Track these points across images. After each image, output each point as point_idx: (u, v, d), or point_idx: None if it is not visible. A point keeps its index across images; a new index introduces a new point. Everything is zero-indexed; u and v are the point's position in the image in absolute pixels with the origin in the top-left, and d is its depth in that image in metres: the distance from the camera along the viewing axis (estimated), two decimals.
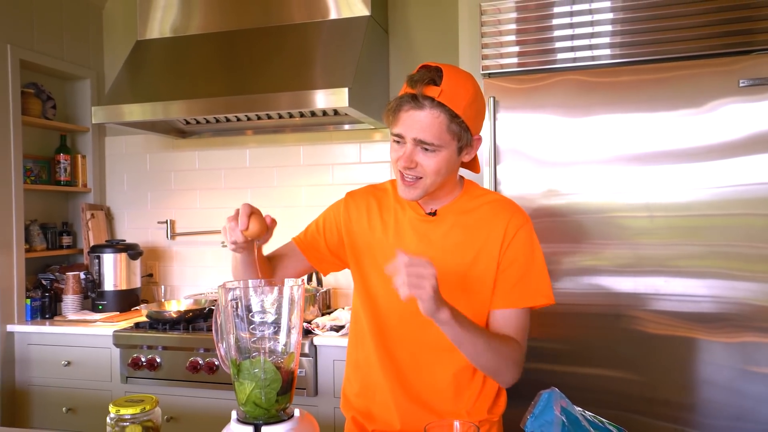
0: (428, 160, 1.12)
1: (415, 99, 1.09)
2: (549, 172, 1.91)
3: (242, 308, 0.84)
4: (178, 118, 2.55)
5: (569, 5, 1.91)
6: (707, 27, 1.79)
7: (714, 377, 1.77)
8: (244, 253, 1.14)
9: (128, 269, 2.76)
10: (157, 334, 2.35)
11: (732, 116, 1.75)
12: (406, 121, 1.11)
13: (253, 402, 0.81)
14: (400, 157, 1.14)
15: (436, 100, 1.09)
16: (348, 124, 2.76)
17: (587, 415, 0.84)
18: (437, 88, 1.09)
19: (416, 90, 1.09)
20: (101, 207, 3.11)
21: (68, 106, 3.10)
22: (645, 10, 1.84)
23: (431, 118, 1.09)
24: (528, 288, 1.21)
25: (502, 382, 1.19)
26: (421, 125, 1.10)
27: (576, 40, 1.90)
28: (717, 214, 1.77)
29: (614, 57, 1.88)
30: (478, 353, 1.10)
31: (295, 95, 2.29)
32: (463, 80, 1.13)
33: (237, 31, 2.65)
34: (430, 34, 2.66)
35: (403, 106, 1.11)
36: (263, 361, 0.81)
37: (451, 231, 1.20)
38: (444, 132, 1.11)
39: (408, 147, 1.12)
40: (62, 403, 2.51)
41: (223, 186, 2.98)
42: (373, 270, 1.25)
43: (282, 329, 0.83)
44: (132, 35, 3.00)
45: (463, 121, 1.11)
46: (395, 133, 1.14)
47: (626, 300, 1.84)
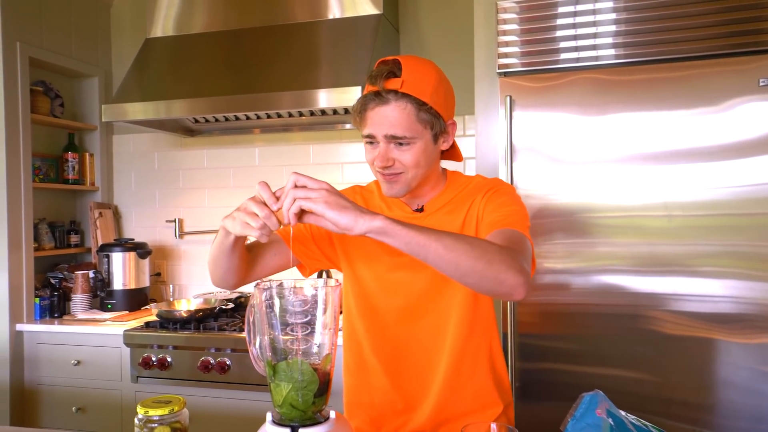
0: (404, 154, 1.10)
1: (378, 95, 1.07)
2: (565, 170, 1.90)
3: (277, 308, 0.83)
4: (189, 116, 2.53)
5: (588, 4, 1.89)
6: (727, 26, 1.78)
7: (732, 378, 1.76)
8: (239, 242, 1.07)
9: (137, 268, 2.75)
10: (167, 334, 2.33)
11: (751, 115, 1.74)
12: (373, 119, 1.09)
13: (290, 404, 0.80)
14: (375, 157, 1.11)
15: (400, 92, 1.06)
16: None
17: (631, 418, 0.83)
18: (398, 80, 1.06)
19: (377, 86, 1.07)
20: (109, 206, 3.10)
21: (76, 104, 3.08)
22: (664, 8, 1.83)
23: (398, 110, 1.07)
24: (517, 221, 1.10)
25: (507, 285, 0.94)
26: (389, 120, 1.07)
27: (593, 39, 1.89)
28: (736, 213, 1.76)
29: (631, 56, 1.87)
30: (453, 249, 0.90)
31: (307, 93, 2.27)
32: (423, 67, 1.11)
33: (247, 29, 2.64)
34: (442, 33, 2.65)
35: (368, 105, 1.09)
36: (300, 362, 0.80)
37: (439, 224, 1.17)
38: (414, 122, 1.08)
39: (381, 146, 1.09)
40: (72, 403, 2.49)
41: (232, 185, 2.97)
42: (366, 270, 1.22)
43: (318, 330, 0.81)
44: (139, 33, 2.99)
45: (431, 108, 1.09)
46: (366, 135, 1.11)
47: (644, 300, 1.83)
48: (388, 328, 1.20)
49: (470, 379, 1.20)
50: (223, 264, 1.13)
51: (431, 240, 0.91)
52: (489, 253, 0.93)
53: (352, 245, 1.23)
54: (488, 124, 2.01)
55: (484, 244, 0.95)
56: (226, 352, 2.27)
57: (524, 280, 0.95)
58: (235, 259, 1.12)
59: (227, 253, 1.10)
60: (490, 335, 1.23)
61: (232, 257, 1.11)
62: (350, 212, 0.88)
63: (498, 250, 0.95)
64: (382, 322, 1.20)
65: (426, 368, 1.19)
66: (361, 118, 1.11)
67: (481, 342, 1.21)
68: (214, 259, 1.14)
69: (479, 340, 1.20)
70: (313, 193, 0.89)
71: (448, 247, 0.91)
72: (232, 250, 1.09)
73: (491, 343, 1.23)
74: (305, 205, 0.88)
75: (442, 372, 1.17)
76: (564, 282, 1.90)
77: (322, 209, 0.87)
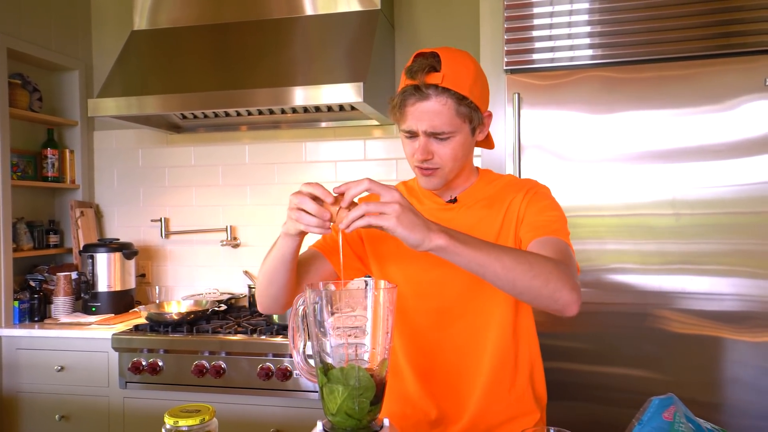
0: (444, 148, 1.09)
1: (419, 90, 1.05)
2: (573, 168, 1.89)
3: (328, 311, 0.78)
4: (179, 112, 2.45)
5: (596, 2, 1.88)
6: (734, 25, 1.79)
7: (740, 376, 1.77)
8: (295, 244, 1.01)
9: (123, 269, 2.65)
10: (159, 337, 2.25)
11: (757, 114, 1.75)
12: (413, 114, 1.07)
13: (345, 412, 0.75)
14: (416, 150, 1.09)
15: (440, 87, 1.04)
16: (350, 120, 2.69)
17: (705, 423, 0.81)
18: (439, 74, 1.04)
19: (417, 80, 1.05)
20: (90, 204, 2.98)
21: (55, 98, 2.95)
22: (672, 7, 1.83)
23: (439, 105, 1.05)
24: (559, 228, 1.10)
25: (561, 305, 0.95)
26: (429, 115, 1.06)
27: (600, 38, 1.88)
28: (743, 212, 1.77)
29: (639, 54, 1.86)
30: (512, 270, 0.90)
31: (306, 90, 2.21)
32: (462, 59, 1.09)
33: (238, 23, 2.56)
34: (438, 29, 2.62)
35: (408, 100, 1.07)
36: (357, 368, 0.76)
37: (474, 214, 1.16)
38: (454, 117, 1.06)
39: (421, 140, 1.08)
40: (55, 411, 2.38)
41: (221, 183, 2.88)
42: (398, 271, 1.18)
43: (373, 333, 0.77)
44: (122, 25, 2.88)
45: (471, 102, 1.07)
46: (405, 129, 1.10)
47: (652, 298, 1.83)
48: (420, 332, 1.15)
49: (511, 388, 1.15)
50: (280, 279, 1.06)
51: (491, 259, 0.90)
52: (546, 271, 0.93)
53: (382, 244, 1.19)
54: (495, 121, 1.98)
55: (541, 262, 0.94)
56: (221, 355, 2.19)
57: (577, 297, 0.95)
58: (291, 273, 1.06)
59: (287, 264, 1.04)
60: (531, 338, 1.20)
61: (290, 270, 1.05)
62: (419, 230, 0.86)
63: (554, 267, 0.94)
64: (414, 326, 1.16)
65: (463, 376, 1.14)
66: (401, 113, 1.09)
67: (524, 346, 1.17)
68: (271, 273, 1.07)
69: (523, 343, 1.17)
70: (387, 208, 0.85)
71: (507, 267, 0.90)
72: (291, 260, 1.03)
73: (532, 346, 1.19)
74: (375, 222, 0.84)
75: (483, 380, 1.13)
76: None
77: (394, 226, 0.84)
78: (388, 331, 0.78)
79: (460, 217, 1.16)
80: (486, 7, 2.00)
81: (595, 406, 1.88)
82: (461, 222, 1.15)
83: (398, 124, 1.12)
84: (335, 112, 2.60)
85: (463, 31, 2.55)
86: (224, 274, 2.87)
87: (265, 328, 2.26)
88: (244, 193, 2.85)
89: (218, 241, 2.84)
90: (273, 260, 1.05)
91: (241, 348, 2.17)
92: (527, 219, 1.11)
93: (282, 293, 1.09)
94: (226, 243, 2.81)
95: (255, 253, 2.84)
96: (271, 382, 2.13)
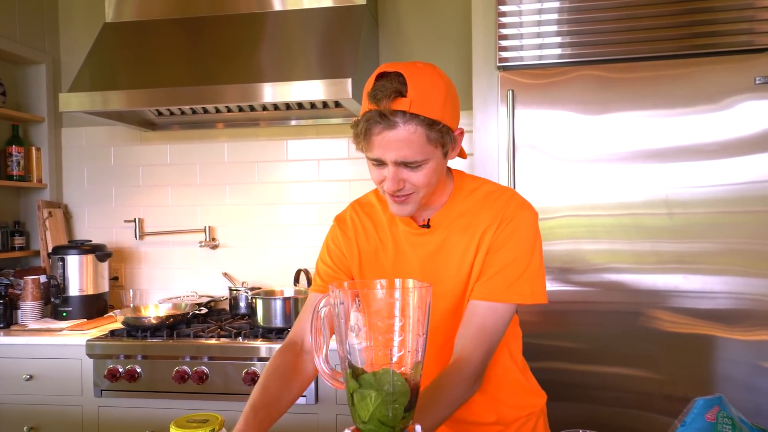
0: (416, 175, 1.01)
1: (384, 117, 0.95)
2: (566, 168, 1.88)
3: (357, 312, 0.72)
4: (161, 107, 2.35)
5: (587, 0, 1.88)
6: (725, 24, 1.80)
7: (732, 374, 1.79)
8: None
9: (96, 272, 2.53)
10: (137, 343, 2.14)
11: (748, 113, 1.77)
12: (380, 144, 0.97)
13: (378, 419, 0.70)
14: (384, 179, 1.02)
15: (408, 113, 0.95)
16: (332, 118, 2.64)
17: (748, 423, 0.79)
18: (405, 100, 0.94)
19: (382, 107, 0.95)
20: (58, 204, 2.84)
21: (20, 93, 2.80)
22: (664, 5, 1.84)
23: (407, 134, 0.96)
24: (511, 280, 1.05)
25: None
26: (398, 145, 0.97)
27: (592, 35, 1.88)
28: (735, 211, 1.78)
29: (631, 52, 1.86)
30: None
31: (286, 85, 2.15)
32: (430, 77, 0.98)
33: (219, 17, 2.48)
34: (423, 25, 2.59)
35: (374, 128, 0.96)
36: (392, 372, 0.71)
37: (448, 239, 1.10)
38: (425, 145, 0.98)
39: (390, 170, 1.00)
40: (23, 422, 2.25)
41: (199, 182, 2.79)
42: None
43: (406, 336, 0.72)
44: (92, 18, 2.77)
45: (443, 125, 0.98)
46: (372, 158, 1.01)
47: (645, 297, 1.83)
48: None
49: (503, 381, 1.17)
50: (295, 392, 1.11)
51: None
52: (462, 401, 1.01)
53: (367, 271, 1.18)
54: (487, 119, 1.96)
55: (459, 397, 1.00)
56: (204, 360, 2.11)
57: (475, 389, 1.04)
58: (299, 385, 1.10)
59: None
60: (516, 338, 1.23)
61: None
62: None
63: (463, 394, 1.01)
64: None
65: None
66: (366, 142, 0.99)
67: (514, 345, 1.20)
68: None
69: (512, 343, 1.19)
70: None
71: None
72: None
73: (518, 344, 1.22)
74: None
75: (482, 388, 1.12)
76: (564, 280, 1.88)
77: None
78: (422, 333, 0.73)
79: (432, 242, 1.12)
80: (478, 3, 1.97)
81: (589, 405, 1.87)
82: (433, 246, 1.11)
83: (363, 152, 1.02)
84: (317, 109, 2.55)
85: (450, 28, 2.53)
86: (203, 277, 2.77)
87: (250, 331, 2.19)
88: (223, 193, 2.76)
89: (196, 242, 2.74)
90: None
91: (225, 352, 2.09)
92: (488, 268, 1.06)
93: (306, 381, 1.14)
94: (204, 244, 2.72)
95: (235, 254, 2.75)
96: None
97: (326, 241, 1.23)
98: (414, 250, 1.12)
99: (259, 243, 2.73)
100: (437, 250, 1.11)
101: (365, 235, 1.17)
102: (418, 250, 1.12)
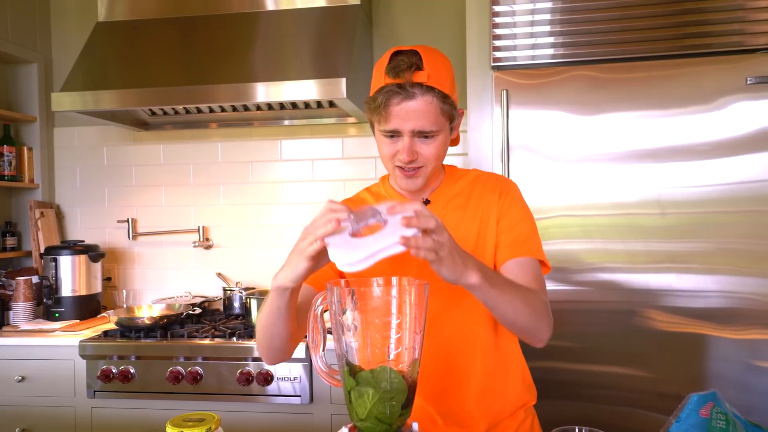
0: (428, 147, 1.08)
1: (403, 89, 1.03)
2: (560, 168, 1.88)
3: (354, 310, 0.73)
4: (156, 107, 2.34)
5: (582, 1, 1.89)
6: (717, 24, 1.82)
7: (724, 372, 1.80)
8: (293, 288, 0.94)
9: (88, 273, 2.51)
10: (131, 343, 2.13)
11: (740, 113, 1.79)
12: (399, 114, 1.04)
13: (376, 417, 0.70)
14: (399, 151, 1.08)
15: (426, 85, 1.03)
16: (326, 118, 2.64)
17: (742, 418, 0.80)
18: (423, 73, 1.03)
19: (403, 79, 1.03)
20: (51, 205, 2.83)
21: (11, 92, 2.79)
22: (657, 6, 1.85)
23: (425, 104, 1.04)
24: (533, 243, 1.15)
25: (539, 340, 1.08)
26: (416, 115, 1.04)
27: (586, 35, 1.89)
28: (727, 210, 1.80)
29: (624, 52, 1.88)
30: (515, 311, 0.98)
31: (280, 85, 2.15)
32: (440, 57, 1.08)
33: (213, 16, 2.48)
34: (417, 25, 2.59)
35: (393, 99, 1.04)
36: (389, 370, 0.71)
37: (448, 215, 1.15)
38: (439, 116, 1.06)
39: (406, 140, 1.06)
40: (15, 424, 2.23)
41: (192, 182, 2.78)
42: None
43: (403, 333, 0.72)
44: (84, 17, 2.76)
45: (452, 100, 1.08)
46: (389, 129, 1.07)
47: (638, 296, 1.84)
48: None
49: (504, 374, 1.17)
50: (282, 332, 0.99)
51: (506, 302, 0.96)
52: (539, 315, 1.03)
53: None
54: (481, 119, 1.97)
55: (539, 307, 1.03)
56: (198, 360, 2.10)
57: (550, 333, 1.09)
58: (292, 323, 0.99)
59: (284, 316, 0.96)
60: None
61: (289, 320, 0.98)
62: (458, 270, 0.85)
63: (545, 310, 1.05)
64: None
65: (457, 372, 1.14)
66: (386, 113, 1.05)
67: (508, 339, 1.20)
68: (270, 327, 1.00)
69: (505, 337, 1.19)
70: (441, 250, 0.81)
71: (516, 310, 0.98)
72: (289, 311, 0.96)
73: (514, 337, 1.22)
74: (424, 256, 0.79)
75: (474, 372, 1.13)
76: (559, 279, 1.89)
77: (438, 267, 0.82)
78: (419, 330, 0.74)
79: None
80: (473, 3, 1.98)
81: (582, 404, 1.88)
82: None
83: (377, 125, 1.09)
84: (311, 109, 2.54)
85: (444, 28, 2.53)
86: (196, 277, 2.77)
87: (244, 331, 2.18)
88: (217, 193, 2.76)
89: (189, 243, 2.74)
90: (269, 314, 0.98)
91: (219, 352, 2.09)
92: (505, 231, 1.13)
93: (287, 343, 1.04)
94: (198, 244, 2.71)
95: (229, 254, 2.74)
96: (252, 387, 2.06)
97: None
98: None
99: (253, 243, 2.73)
100: None
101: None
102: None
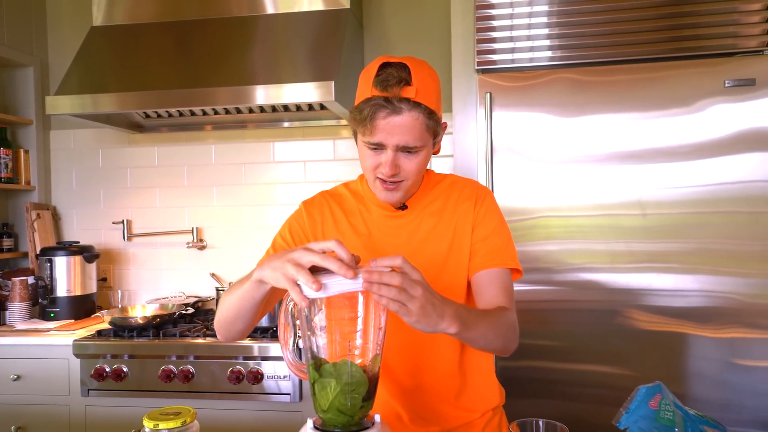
0: (411, 162, 1.08)
1: (390, 103, 1.02)
2: (543, 169, 1.92)
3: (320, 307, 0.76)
4: (148, 110, 2.38)
5: (564, 5, 1.92)
6: (696, 29, 1.85)
7: (702, 370, 1.83)
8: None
9: (83, 273, 2.55)
10: (124, 342, 2.17)
11: (718, 115, 1.82)
12: (384, 128, 1.04)
13: (337, 408, 0.74)
14: (381, 164, 1.07)
15: (413, 101, 1.02)
16: (318, 120, 2.67)
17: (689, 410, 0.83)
18: (412, 88, 1.02)
19: (390, 93, 1.02)
20: (47, 206, 2.87)
21: (8, 96, 2.83)
22: (638, 10, 1.88)
23: (411, 120, 1.03)
24: (506, 252, 1.15)
25: (506, 352, 1.09)
26: (402, 130, 1.03)
27: (568, 39, 1.92)
28: (706, 211, 1.83)
29: (604, 56, 1.91)
30: (487, 343, 0.99)
31: (276, 88, 2.18)
32: (428, 71, 1.08)
33: (204, 20, 2.51)
34: (407, 29, 2.63)
35: (379, 113, 1.03)
36: (350, 363, 0.74)
37: (423, 221, 1.17)
38: (424, 132, 1.06)
39: (389, 154, 1.06)
40: (11, 422, 2.27)
41: (186, 183, 2.82)
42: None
43: (366, 329, 0.76)
44: (80, 21, 2.80)
45: (437, 116, 1.08)
46: (373, 142, 1.06)
47: (620, 296, 1.88)
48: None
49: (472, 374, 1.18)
50: (248, 317, 1.00)
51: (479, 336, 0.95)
52: (508, 336, 1.04)
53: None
54: (466, 122, 2.00)
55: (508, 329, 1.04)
56: (189, 359, 2.14)
57: (517, 342, 1.08)
58: (260, 312, 1.01)
59: (256, 306, 0.97)
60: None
61: (258, 309, 0.99)
62: (431, 320, 0.81)
63: (513, 330, 1.06)
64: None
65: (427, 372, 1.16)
66: (372, 126, 1.04)
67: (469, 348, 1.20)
68: (237, 311, 1.00)
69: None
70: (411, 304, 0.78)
71: (488, 340, 0.98)
72: (261, 302, 0.96)
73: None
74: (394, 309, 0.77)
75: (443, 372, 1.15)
76: (542, 279, 1.92)
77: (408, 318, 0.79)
78: (381, 326, 0.77)
79: (411, 224, 1.17)
80: (457, 7, 2.01)
81: (564, 402, 1.91)
82: (410, 228, 1.17)
83: (361, 135, 1.08)
84: (303, 111, 2.58)
85: (432, 31, 2.57)
86: (190, 277, 2.80)
87: None
88: (211, 194, 2.80)
89: (183, 244, 2.77)
90: (241, 301, 0.98)
91: (210, 351, 2.12)
92: (480, 240, 1.14)
93: (249, 327, 1.06)
94: (192, 245, 2.75)
95: (222, 255, 2.78)
96: (242, 386, 2.09)
97: (289, 220, 1.24)
98: (390, 233, 1.18)
99: (247, 244, 2.77)
100: (413, 232, 1.16)
101: (333, 220, 1.20)
102: (394, 232, 1.17)
